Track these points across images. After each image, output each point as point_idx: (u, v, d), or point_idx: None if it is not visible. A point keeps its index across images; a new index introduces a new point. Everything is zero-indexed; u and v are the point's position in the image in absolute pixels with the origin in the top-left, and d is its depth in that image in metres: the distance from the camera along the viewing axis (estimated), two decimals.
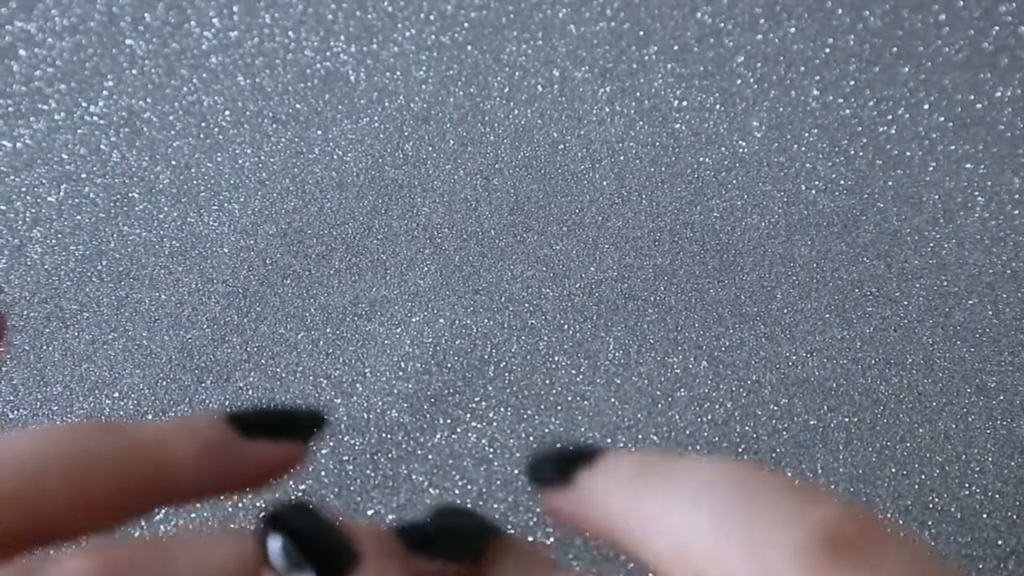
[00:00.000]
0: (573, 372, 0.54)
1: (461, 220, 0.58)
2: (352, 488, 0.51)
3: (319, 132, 0.60)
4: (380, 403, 0.53)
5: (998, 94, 0.61)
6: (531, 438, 0.52)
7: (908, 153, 0.60)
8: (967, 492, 0.51)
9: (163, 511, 0.50)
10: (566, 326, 0.55)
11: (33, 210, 0.58)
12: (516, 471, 0.52)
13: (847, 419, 0.53)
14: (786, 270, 0.57)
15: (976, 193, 0.59)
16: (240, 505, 0.50)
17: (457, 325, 0.55)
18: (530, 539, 0.50)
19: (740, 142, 0.60)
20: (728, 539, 0.18)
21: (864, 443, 0.52)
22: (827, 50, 0.62)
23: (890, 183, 0.59)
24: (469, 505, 0.51)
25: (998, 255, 0.57)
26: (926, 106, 0.61)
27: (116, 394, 0.53)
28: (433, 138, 0.60)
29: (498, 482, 0.51)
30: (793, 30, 0.62)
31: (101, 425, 0.21)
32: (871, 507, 0.51)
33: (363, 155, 0.59)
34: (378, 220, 0.58)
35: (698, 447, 0.52)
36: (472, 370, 0.54)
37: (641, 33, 0.62)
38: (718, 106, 0.61)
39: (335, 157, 0.59)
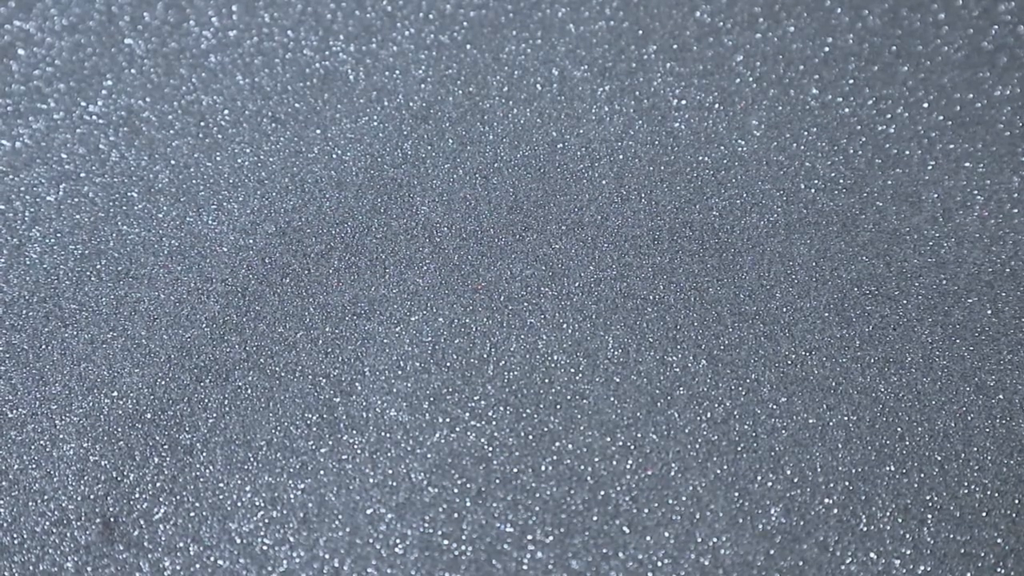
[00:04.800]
0: (572, 371, 0.54)
1: (460, 219, 0.58)
2: (351, 487, 0.51)
3: (318, 131, 0.60)
4: (379, 402, 0.53)
5: (997, 93, 0.61)
6: (530, 437, 0.52)
7: (907, 152, 0.60)
8: (966, 491, 0.51)
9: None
10: (565, 325, 0.55)
11: (32, 209, 0.58)
12: (516, 470, 0.52)
13: (846, 418, 0.53)
14: (785, 269, 0.57)
15: (975, 192, 0.59)
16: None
17: (456, 324, 0.55)
18: (528, 537, 0.50)
19: (739, 141, 0.60)
20: None
21: (863, 442, 0.52)
22: (826, 49, 0.62)
23: (889, 182, 0.59)
24: (468, 504, 0.51)
25: (997, 254, 0.57)
26: (925, 105, 0.61)
27: (115, 393, 0.53)
28: (432, 137, 0.60)
29: (497, 481, 0.51)
30: (792, 29, 0.62)
31: None
32: (870, 505, 0.51)
33: (362, 154, 0.59)
34: (377, 219, 0.58)
35: (697, 445, 0.52)
36: (471, 369, 0.54)
37: (640, 32, 0.62)
38: (717, 105, 0.61)
39: (334, 156, 0.59)
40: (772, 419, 0.53)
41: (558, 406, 0.53)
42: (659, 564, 0.50)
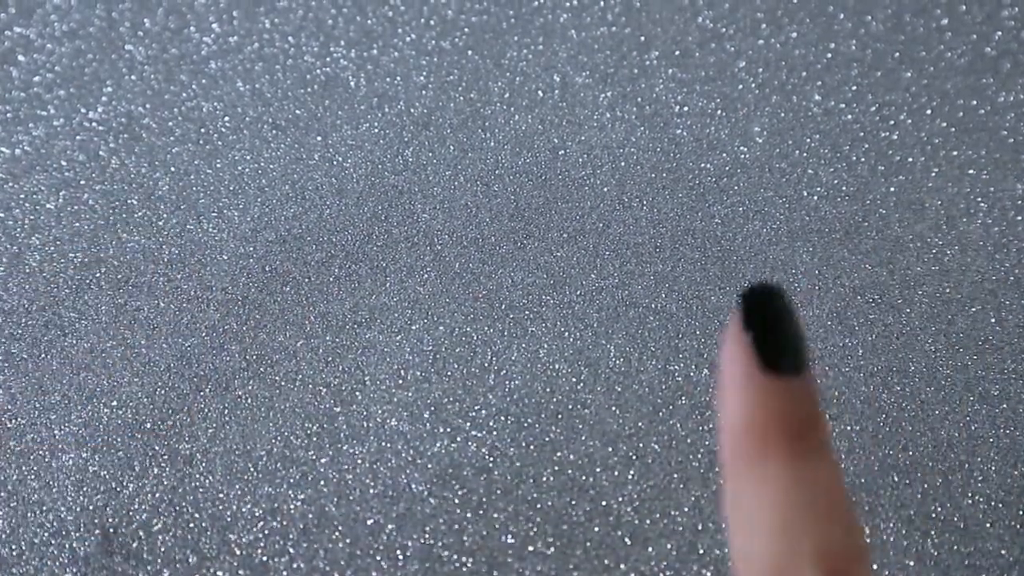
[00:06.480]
0: (574, 380, 0.54)
1: (461, 226, 0.58)
2: (351, 497, 0.51)
3: (319, 138, 0.59)
4: (380, 411, 0.53)
5: (1000, 99, 0.61)
6: (531, 447, 0.52)
7: (910, 159, 0.59)
8: (970, 501, 0.51)
9: None
10: (566, 333, 0.55)
11: (32, 217, 0.57)
12: (517, 480, 0.51)
13: (849, 427, 0.52)
14: (788, 277, 0.56)
15: (979, 199, 0.58)
16: None
17: (457, 332, 0.55)
18: (530, 548, 0.50)
19: (742, 148, 0.60)
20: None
21: (866, 452, 0.52)
22: (829, 55, 0.62)
23: (892, 189, 0.59)
24: (469, 515, 0.51)
25: (1001, 261, 0.57)
26: (928, 111, 0.61)
27: (114, 403, 0.53)
28: (433, 144, 0.59)
29: (498, 491, 0.51)
30: (795, 35, 0.62)
31: None
32: (873, 516, 0.51)
33: (363, 161, 0.59)
34: (378, 227, 0.57)
35: (700, 455, 0.52)
36: (472, 378, 0.54)
37: (642, 38, 0.62)
38: (719, 111, 0.61)
39: (335, 163, 0.59)
40: None
41: (559, 416, 0.53)
42: (661, 575, 0.49)
